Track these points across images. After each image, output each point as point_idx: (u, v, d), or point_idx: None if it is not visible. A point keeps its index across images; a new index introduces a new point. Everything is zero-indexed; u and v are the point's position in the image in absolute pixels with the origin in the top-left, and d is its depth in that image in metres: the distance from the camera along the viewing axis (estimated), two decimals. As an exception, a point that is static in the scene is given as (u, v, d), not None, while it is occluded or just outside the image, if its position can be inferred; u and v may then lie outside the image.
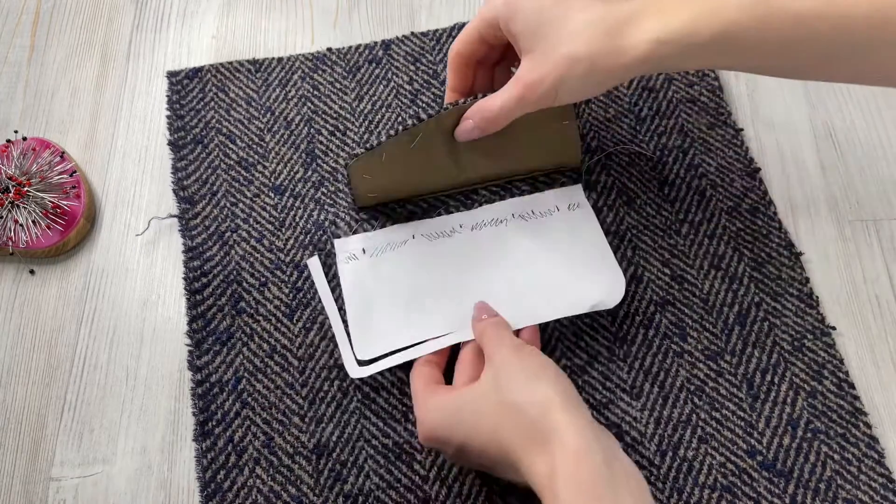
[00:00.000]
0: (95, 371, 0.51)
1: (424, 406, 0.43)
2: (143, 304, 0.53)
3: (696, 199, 0.54)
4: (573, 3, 0.42)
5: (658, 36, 0.40)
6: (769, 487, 0.45)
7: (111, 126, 0.59)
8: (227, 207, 0.55)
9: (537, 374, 0.40)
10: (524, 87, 0.43)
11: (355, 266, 0.51)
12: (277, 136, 0.57)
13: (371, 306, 0.50)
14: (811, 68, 0.41)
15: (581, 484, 0.34)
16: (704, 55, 0.40)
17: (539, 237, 0.51)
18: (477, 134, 0.47)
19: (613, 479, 0.35)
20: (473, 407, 0.40)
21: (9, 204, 0.51)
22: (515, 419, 0.38)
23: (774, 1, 0.38)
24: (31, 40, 0.63)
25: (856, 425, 0.46)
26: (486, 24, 0.45)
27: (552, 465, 0.35)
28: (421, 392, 0.44)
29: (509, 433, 0.38)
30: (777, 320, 0.50)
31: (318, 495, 0.46)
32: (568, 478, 0.34)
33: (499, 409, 0.39)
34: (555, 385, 0.39)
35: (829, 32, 0.38)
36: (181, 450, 0.48)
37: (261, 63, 0.60)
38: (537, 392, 0.38)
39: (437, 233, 0.52)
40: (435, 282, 0.50)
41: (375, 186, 0.52)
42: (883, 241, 0.52)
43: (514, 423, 0.38)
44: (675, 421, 0.47)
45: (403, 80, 0.59)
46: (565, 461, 0.35)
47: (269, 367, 0.50)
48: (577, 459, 0.35)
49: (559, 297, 0.49)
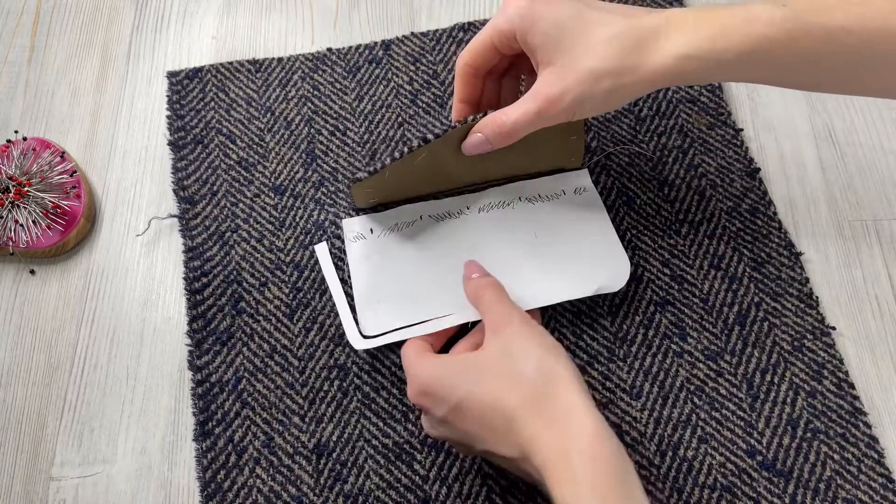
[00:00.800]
0: (95, 371, 0.51)
1: (420, 363, 0.42)
2: (143, 304, 0.53)
3: (696, 199, 0.54)
4: (594, 15, 0.41)
5: (684, 51, 0.39)
6: (769, 487, 0.45)
7: (111, 126, 0.59)
8: (227, 207, 0.55)
9: (552, 351, 0.39)
10: (544, 100, 0.42)
11: (363, 244, 0.52)
12: (277, 136, 0.57)
13: (377, 282, 0.50)
14: (839, 82, 0.41)
15: (599, 464, 0.34)
16: (731, 70, 0.40)
17: (545, 220, 0.52)
18: (487, 148, 0.45)
19: (626, 467, 0.35)
20: (480, 369, 0.39)
21: (9, 204, 0.51)
22: (528, 389, 0.37)
23: (804, 16, 0.38)
24: (31, 40, 0.63)
25: (855, 425, 0.46)
26: (500, 34, 0.44)
27: (566, 441, 0.35)
28: (414, 354, 0.43)
29: (516, 402, 0.37)
30: (777, 320, 0.50)
31: (318, 495, 0.46)
32: (586, 457, 0.34)
33: (509, 376, 0.38)
34: (569, 366, 0.38)
35: (857, 46, 0.38)
36: (181, 450, 0.48)
37: (261, 63, 0.60)
38: (554, 369, 0.38)
39: (444, 213, 0.52)
40: (441, 262, 0.51)
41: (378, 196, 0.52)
42: (883, 241, 0.52)
43: (524, 393, 0.37)
44: (675, 421, 0.47)
45: (403, 81, 0.59)
46: (582, 440, 0.35)
47: (270, 367, 0.50)
48: (596, 441, 0.35)
49: (564, 281, 0.49)
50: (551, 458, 0.35)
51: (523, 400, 0.37)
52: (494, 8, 0.62)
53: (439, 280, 0.50)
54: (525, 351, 0.39)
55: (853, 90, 0.43)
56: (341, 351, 0.50)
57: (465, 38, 0.60)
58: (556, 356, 0.39)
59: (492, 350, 0.40)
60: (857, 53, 0.38)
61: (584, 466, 0.34)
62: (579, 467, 0.34)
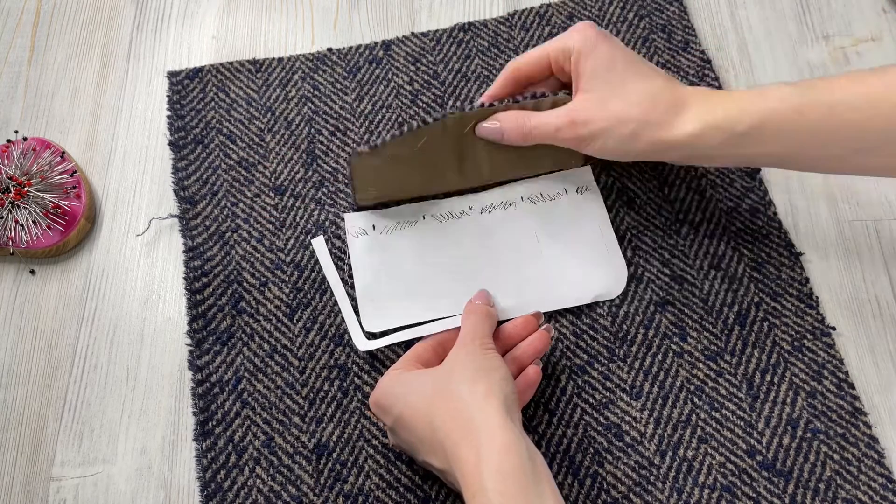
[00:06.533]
0: (96, 371, 0.51)
1: (386, 375, 0.44)
2: (143, 303, 0.53)
3: (696, 199, 0.54)
4: (641, 68, 0.46)
5: (705, 119, 0.43)
6: (769, 487, 0.45)
7: (111, 126, 0.59)
8: (227, 207, 0.55)
9: (487, 373, 0.41)
10: (567, 120, 0.45)
11: (365, 240, 0.52)
12: (278, 136, 0.57)
13: (379, 279, 0.50)
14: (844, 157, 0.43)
15: (507, 475, 0.36)
16: (744, 143, 0.43)
17: (547, 222, 0.52)
18: (498, 137, 0.48)
19: (536, 471, 0.36)
20: (422, 388, 0.42)
21: (9, 204, 0.51)
22: (454, 407, 0.39)
23: (810, 92, 0.42)
24: (31, 40, 0.63)
25: (855, 425, 0.46)
26: (560, 50, 0.47)
27: (478, 455, 0.36)
28: (396, 364, 0.45)
29: (443, 418, 0.39)
30: (777, 320, 0.50)
31: (318, 495, 0.46)
32: (494, 468, 0.36)
33: (442, 394, 0.40)
34: (499, 387, 0.40)
35: (861, 122, 0.40)
36: (181, 450, 0.48)
37: (261, 63, 0.60)
38: (479, 389, 0.40)
39: (446, 214, 0.53)
40: (443, 262, 0.51)
41: (378, 186, 0.52)
42: (883, 241, 0.52)
43: (450, 410, 0.39)
44: (675, 421, 0.47)
45: (404, 81, 0.59)
46: (492, 452, 0.36)
47: (270, 366, 0.50)
48: (504, 452, 0.36)
49: (563, 287, 0.50)
50: (468, 470, 0.37)
51: (450, 416, 0.39)
52: (495, 8, 0.62)
53: (441, 281, 0.50)
54: (462, 372, 0.41)
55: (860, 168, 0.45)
56: (341, 351, 0.50)
57: (466, 38, 0.60)
58: (488, 377, 0.41)
59: (442, 368, 0.43)
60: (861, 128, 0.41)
61: (493, 478, 0.35)
62: (488, 480, 0.35)
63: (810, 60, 0.58)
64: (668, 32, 0.59)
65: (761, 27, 0.60)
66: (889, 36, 0.58)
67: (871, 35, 0.59)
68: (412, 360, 0.45)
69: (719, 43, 0.59)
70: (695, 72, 0.58)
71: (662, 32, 0.59)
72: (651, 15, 0.60)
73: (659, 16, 0.60)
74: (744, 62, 0.59)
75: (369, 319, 0.49)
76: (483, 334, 0.44)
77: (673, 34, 0.59)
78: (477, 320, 0.45)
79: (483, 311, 0.46)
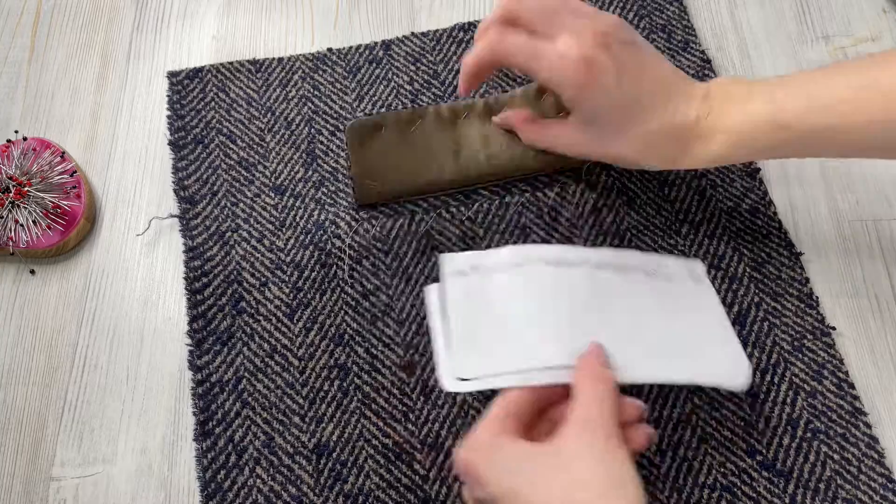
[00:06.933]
0: (96, 371, 0.51)
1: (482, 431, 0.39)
2: (143, 303, 0.53)
3: (696, 199, 0.54)
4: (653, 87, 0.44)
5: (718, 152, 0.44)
6: (769, 487, 0.45)
7: (111, 126, 0.59)
8: (227, 207, 0.55)
9: (623, 487, 0.35)
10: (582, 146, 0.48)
11: (465, 283, 0.47)
12: (278, 136, 0.57)
13: (478, 324, 0.45)
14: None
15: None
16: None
17: (663, 299, 0.47)
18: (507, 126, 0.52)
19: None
20: (533, 476, 0.36)
21: (9, 204, 0.51)
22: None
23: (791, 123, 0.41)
24: (31, 40, 0.63)
25: (856, 425, 0.46)
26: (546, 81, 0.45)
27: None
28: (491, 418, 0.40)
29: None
30: (777, 320, 0.50)
31: (318, 495, 0.46)
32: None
33: (558, 492, 0.35)
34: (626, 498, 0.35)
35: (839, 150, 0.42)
36: (181, 450, 0.48)
37: (261, 63, 0.60)
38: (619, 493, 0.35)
39: (556, 260, 0.47)
40: (549, 311, 0.45)
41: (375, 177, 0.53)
42: (883, 241, 0.52)
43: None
44: (675, 421, 0.47)
45: (404, 81, 0.59)
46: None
47: (270, 366, 0.50)
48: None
49: (678, 362, 0.45)
50: None
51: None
52: (494, 8, 0.62)
53: (545, 329, 0.44)
54: (591, 475, 0.36)
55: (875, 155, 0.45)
56: (341, 351, 0.50)
57: (466, 38, 0.60)
58: (624, 485, 0.35)
59: (560, 461, 0.37)
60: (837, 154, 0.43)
61: None
62: None
63: (810, 60, 0.58)
64: (668, 32, 0.59)
65: (761, 27, 0.60)
66: (889, 36, 0.59)
67: (870, 35, 0.59)
68: (512, 418, 0.39)
69: (719, 43, 0.60)
70: (695, 72, 0.58)
71: (662, 32, 0.59)
72: (651, 15, 0.60)
73: (659, 16, 0.60)
74: (744, 62, 0.59)
75: (463, 364, 0.44)
76: (609, 417, 0.37)
77: (673, 34, 0.59)
78: (604, 394, 0.38)
79: (608, 379, 0.39)
